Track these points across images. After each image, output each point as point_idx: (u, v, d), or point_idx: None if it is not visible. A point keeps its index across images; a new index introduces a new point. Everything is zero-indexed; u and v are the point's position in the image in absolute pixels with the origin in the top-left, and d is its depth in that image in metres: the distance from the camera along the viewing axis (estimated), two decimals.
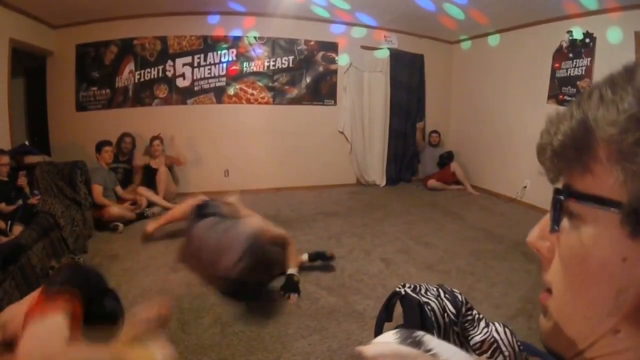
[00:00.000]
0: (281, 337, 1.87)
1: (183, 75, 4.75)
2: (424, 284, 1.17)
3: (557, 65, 4.05)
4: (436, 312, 1.04)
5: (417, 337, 0.61)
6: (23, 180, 2.99)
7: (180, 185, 4.72)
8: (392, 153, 5.61)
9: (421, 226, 3.62)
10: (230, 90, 4.89)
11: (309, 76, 5.13)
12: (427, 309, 1.04)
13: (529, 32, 4.38)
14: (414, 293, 1.10)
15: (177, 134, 4.56)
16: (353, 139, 5.40)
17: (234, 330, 1.92)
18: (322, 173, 5.28)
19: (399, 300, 1.13)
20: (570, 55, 3.92)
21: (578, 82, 3.86)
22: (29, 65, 4.63)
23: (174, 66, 4.71)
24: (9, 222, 2.67)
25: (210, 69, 4.80)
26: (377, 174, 5.59)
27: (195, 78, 4.78)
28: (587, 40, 3.74)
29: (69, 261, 2.65)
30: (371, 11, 4.67)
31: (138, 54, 4.64)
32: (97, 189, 3.56)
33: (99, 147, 3.81)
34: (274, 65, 4.99)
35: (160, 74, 4.71)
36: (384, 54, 5.35)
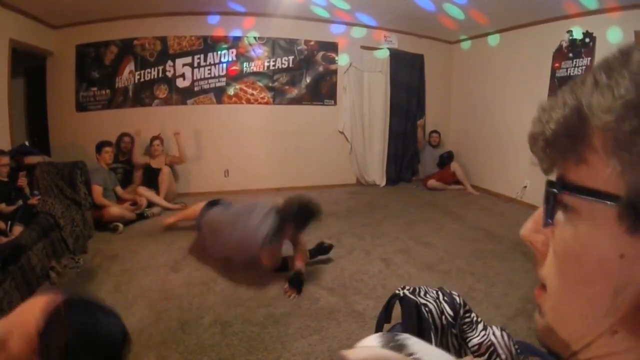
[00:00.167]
0: (281, 337, 1.87)
1: (183, 76, 4.75)
2: (424, 287, 1.17)
3: (557, 65, 4.05)
4: (434, 314, 1.04)
5: (400, 341, 0.61)
6: (23, 181, 2.99)
7: (180, 185, 4.72)
8: (392, 153, 5.61)
9: (421, 226, 3.62)
10: (230, 91, 4.89)
11: (309, 76, 5.13)
12: (425, 311, 1.05)
13: (529, 32, 4.38)
14: (413, 295, 1.11)
15: (179, 130, 4.53)
16: (353, 139, 5.40)
17: (234, 330, 1.92)
18: (322, 173, 5.28)
19: (398, 301, 1.13)
20: (570, 55, 3.92)
21: None
22: (29, 66, 4.63)
23: (174, 66, 4.72)
24: (9, 223, 2.67)
25: (210, 69, 4.80)
26: (377, 174, 5.59)
27: (195, 78, 4.78)
28: (587, 40, 3.74)
29: (69, 262, 2.65)
30: (371, 11, 4.67)
31: (138, 54, 4.64)
32: (97, 190, 3.56)
33: (99, 148, 3.82)
34: (274, 66, 5.00)
35: (160, 74, 4.71)
36: (384, 54, 5.35)
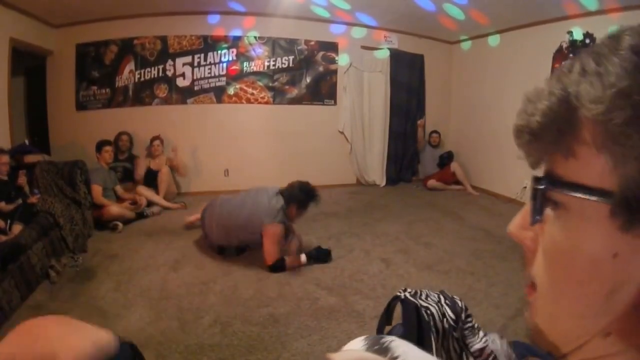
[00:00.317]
0: (281, 337, 1.87)
1: (183, 75, 4.75)
2: (425, 290, 1.17)
3: (558, 65, 4.05)
4: (435, 317, 1.04)
5: (385, 344, 0.61)
6: (23, 179, 2.99)
7: (180, 185, 4.72)
8: (392, 153, 5.61)
9: (421, 226, 3.62)
10: (230, 90, 4.89)
11: (309, 76, 5.13)
12: (426, 313, 1.05)
13: (529, 33, 4.38)
14: (414, 298, 1.11)
15: (177, 134, 4.56)
16: (353, 139, 5.39)
17: (234, 330, 1.92)
18: (322, 173, 5.27)
19: (400, 302, 1.13)
20: (571, 55, 3.92)
21: None
22: (29, 65, 4.62)
23: (174, 66, 4.71)
24: (9, 221, 2.67)
25: (210, 69, 4.80)
26: (377, 174, 5.59)
27: (195, 78, 4.78)
28: (587, 40, 3.74)
29: (68, 260, 2.65)
30: (371, 11, 4.67)
31: (138, 54, 4.63)
32: (97, 190, 3.56)
33: (99, 147, 3.81)
34: (274, 65, 4.99)
35: (160, 74, 4.71)
36: (384, 54, 5.35)
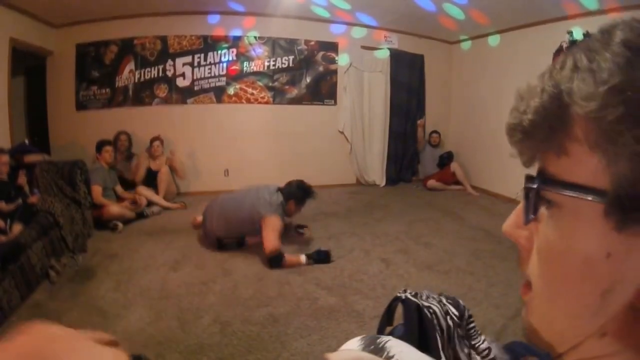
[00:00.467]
0: (280, 337, 1.87)
1: (183, 75, 4.75)
2: (426, 291, 1.17)
3: None
4: (438, 315, 1.04)
5: (381, 344, 0.61)
6: (23, 179, 2.99)
7: (180, 185, 4.72)
8: (392, 153, 5.61)
9: (421, 226, 3.62)
10: (230, 90, 4.89)
11: (309, 76, 5.13)
12: (429, 312, 1.05)
13: (529, 33, 4.37)
14: (415, 298, 1.11)
15: (177, 134, 4.56)
16: (353, 139, 5.39)
17: (233, 330, 1.92)
18: (322, 173, 5.28)
19: (401, 303, 1.13)
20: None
21: None
22: (29, 65, 4.63)
23: (174, 66, 4.71)
24: (9, 221, 2.67)
25: (210, 69, 4.80)
26: (377, 174, 5.59)
27: (195, 78, 4.78)
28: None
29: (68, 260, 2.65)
30: (371, 11, 4.67)
31: (138, 54, 4.63)
32: (97, 190, 3.55)
33: (99, 147, 3.79)
34: (274, 65, 4.99)
35: (160, 74, 4.71)
36: (384, 54, 5.35)
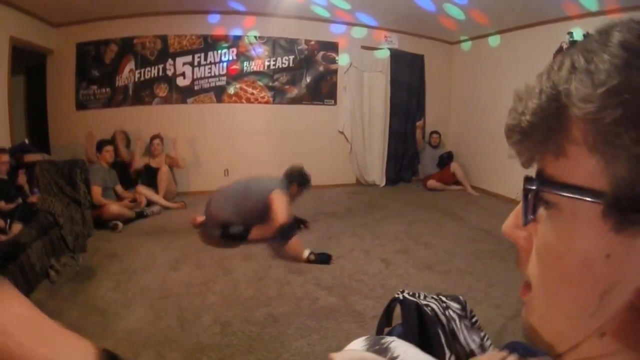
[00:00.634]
0: (280, 337, 1.87)
1: (183, 74, 4.75)
2: (423, 292, 1.18)
3: None
4: (437, 311, 1.05)
5: (385, 344, 0.61)
6: (22, 179, 2.99)
7: (180, 184, 4.71)
8: (392, 153, 5.61)
9: (421, 226, 3.62)
10: (231, 90, 4.89)
11: (309, 76, 5.13)
12: (427, 310, 1.05)
13: (530, 33, 4.38)
14: (413, 297, 1.11)
15: (177, 133, 4.55)
16: (353, 139, 5.39)
17: (234, 330, 1.92)
18: (322, 173, 5.27)
19: (398, 304, 1.13)
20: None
21: None
22: (29, 64, 4.62)
23: (174, 65, 4.71)
24: (9, 221, 2.67)
25: (210, 68, 4.80)
26: (377, 174, 5.59)
27: (195, 77, 4.78)
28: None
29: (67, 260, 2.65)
30: (371, 11, 4.67)
31: (138, 53, 4.63)
32: (97, 191, 3.55)
33: (100, 147, 3.80)
34: (274, 65, 4.99)
35: (160, 73, 4.70)
36: (384, 54, 5.35)
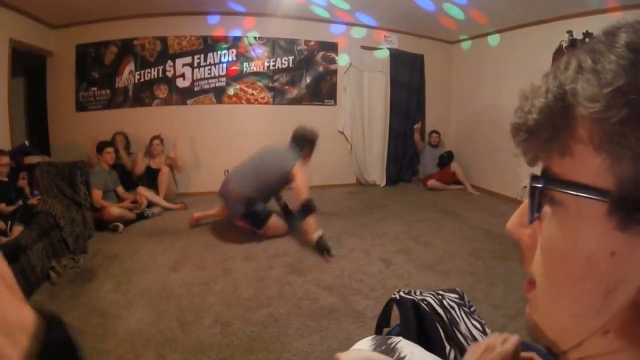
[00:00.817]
0: (281, 337, 1.87)
1: (183, 76, 4.75)
2: (419, 290, 1.18)
3: None
4: (433, 305, 1.05)
5: (392, 345, 0.61)
6: (23, 183, 2.98)
7: (180, 185, 4.72)
8: (392, 153, 5.61)
9: (421, 226, 3.62)
10: (230, 91, 4.89)
11: (309, 76, 5.13)
12: (424, 305, 1.05)
13: (529, 32, 4.37)
14: (409, 295, 1.11)
15: (177, 134, 4.55)
16: (353, 139, 5.40)
17: (234, 330, 1.92)
18: (322, 173, 5.27)
19: (395, 304, 1.13)
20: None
21: None
22: (29, 65, 4.63)
23: (174, 66, 4.71)
24: (9, 222, 2.67)
25: (210, 69, 4.80)
26: (377, 174, 5.59)
27: (195, 78, 4.78)
28: (587, 40, 3.73)
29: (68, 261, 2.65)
30: (371, 11, 4.67)
31: (138, 54, 4.64)
32: (97, 194, 3.55)
33: (100, 148, 3.78)
34: (274, 66, 4.99)
35: (160, 74, 4.71)
36: (384, 54, 5.35)
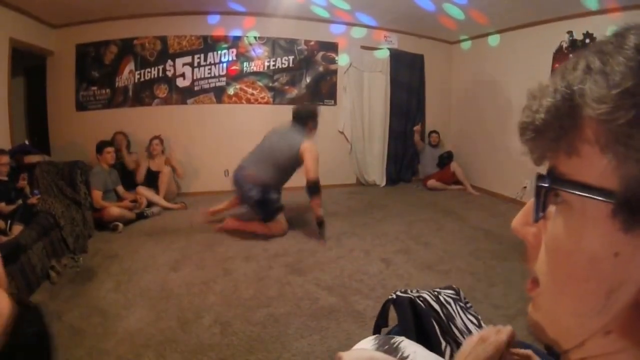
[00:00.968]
0: (281, 337, 1.87)
1: (183, 75, 4.75)
2: (416, 289, 1.18)
3: (558, 65, 4.04)
4: (429, 301, 1.05)
5: (395, 344, 0.61)
6: (23, 183, 2.98)
7: (180, 185, 4.71)
8: (392, 153, 5.61)
9: (421, 226, 3.62)
10: (230, 90, 4.89)
11: (309, 76, 5.13)
12: (420, 301, 1.05)
13: (529, 33, 4.37)
14: (405, 293, 1.12)
15: (177, 134, 4.56)
16: (353, 139, 5.40)
17: (234, 330, 1.92)
18: (322, 173, 5.21)
19: (392, 305, 1.13)
20: (571, 55, 3.90)
21: None
22: (29, 65, 4.62)
23: (174, 66, 4.71)
24: (9, 222, 2.67)
25: (210, 69, 4.80)
26: (377, 174, 5.59)
27: (195, 78, 4.78)
28: (587, 40, 3.74)
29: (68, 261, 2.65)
30: (371, 11, 4.67)
31: (138, 54, 4.63)
32: (97, 195, 3.54)
33: (100, 148, 3.76)
34: (274, 65, 4.99)
35: (160, 74, 4.71)
36: (384, 54, 5.35)
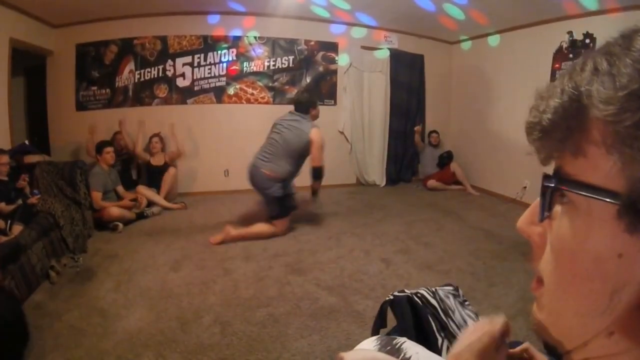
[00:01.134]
0: (281, 337, 1.87)
1: (183, 75, 4.75)
2: (415, 289, 1.18)
3: (558, 65, 4.05)
4: (427, 297, 1.05)
5: (397, 345, 0.61)
6: (23, 184, 2.98)
7: (180, 185, 4.71)
8: (392, 153, 5.61)
9: (421, 226, 3.62)
10: (230, 90, 4.89)
11: (309, 76, 5.13)
12: (417, 298, 1.05)
13: (529, 33, 4.38)
14: (402, 292, 1.12)
15: (177, 134, 4.55)
16: (353, 139, 5.39)
17: (234, 330, 1.92)
18: None
19: (389, 307, 1.13)
20: (571, 55, 3.92)
21: None
22: (29, 65, 4.62)
23: (174, 66, 4.71)
24: (9, 222, 2.67)
25: (210, 69, 4.80)
26: (377, 174, 5.59)
27: (195, 78, 4.78)
28: (587, 40, 3.74)
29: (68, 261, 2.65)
30: (371, 11, 4.67)
31: (138, 54, 4.63)
32: (97, 196, 3.54)
33: (100, 148, 3.76)
34: (274, 65, 4.99)
35: (160, 74, 4.71)
36: (384, 54, 5.35)
